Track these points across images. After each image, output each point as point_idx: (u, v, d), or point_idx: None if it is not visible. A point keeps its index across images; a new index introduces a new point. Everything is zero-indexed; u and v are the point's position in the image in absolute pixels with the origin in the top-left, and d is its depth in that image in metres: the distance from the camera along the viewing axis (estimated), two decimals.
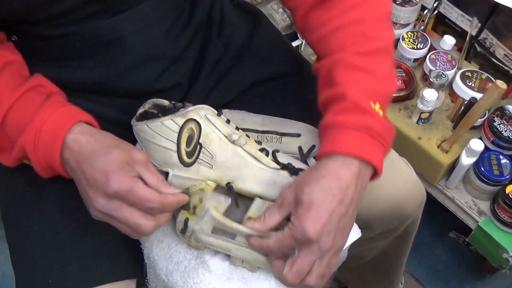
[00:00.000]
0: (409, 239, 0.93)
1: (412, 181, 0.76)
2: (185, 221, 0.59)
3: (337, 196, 0.54)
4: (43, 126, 0.56)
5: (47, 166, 0.58)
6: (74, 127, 0.57)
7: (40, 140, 0.56)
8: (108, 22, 0.61)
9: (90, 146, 0.56)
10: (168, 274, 0.64)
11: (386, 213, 0.74)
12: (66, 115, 0.57)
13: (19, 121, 0.57)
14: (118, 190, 0.53)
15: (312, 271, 0.55)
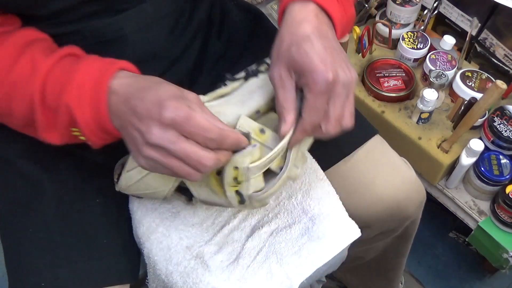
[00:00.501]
0: (409, 240, 0.93)
1: (412, 181, 0.76)
2: (237, 193, 0.56)
3: (317, 34, 0.53)
4: (85, 77, 0.52)
5: (94, 123, 0.53)
6: (117, 72, 0.52)
7: (85, 92, 0.51)
8: (110, 21, 0.61)
9: (139, 84, 0.51)
10: (167, 274, 0.65)
11: (385, 214, 0.74)
12: (106, 63, 0.53)
13: (60, 82, 0.52)
14: (175, 117, 0.47)
15: (345, 112, 0.55)
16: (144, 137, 0.48)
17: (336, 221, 0.68)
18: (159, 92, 0.49)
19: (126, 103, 0.50)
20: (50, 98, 0.52)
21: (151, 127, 0.48)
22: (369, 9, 1.26)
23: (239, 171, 0.54)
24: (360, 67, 1.18)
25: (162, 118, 0.47)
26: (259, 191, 0.56)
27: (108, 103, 0.51)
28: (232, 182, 0.55)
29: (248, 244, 0.67)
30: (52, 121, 0.53)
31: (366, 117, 0.81)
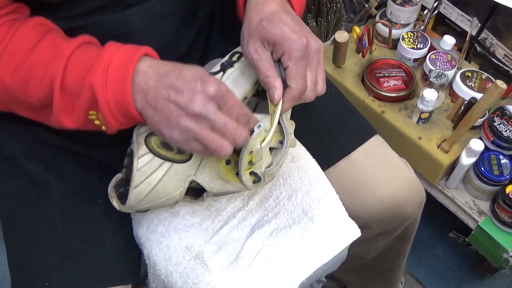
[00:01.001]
0: (409, 240, 0.93)
1: (412, 181, 0.76)
2: (251, 173, 0.59)
3: (282, 10, 0.58)
4: (112, 60, 0.53)
5: (115, 103, 0.53)
6: (143, 56, 0.54)
7: (111, 73, 0.52)
8: (118, 16, 0.62)
9: (171, 65, 0.54)
10: (167, 275, 0.65)
11: (385, 214, 0.74)
12: (132, 48, 0.55)
13: (83, 66, 0.54)
14: (217, 91, 0.51)
15: (318, 77, 0.59)
16: (186, 108, 0.50)
17: (336, 221, 0.68)
18: (195, 70, 0.52)
19: (159, 80, 0.52)
20: (72, 81, 0.53)
21: (194, 97, 0.50)
22: (369, 9, 1.26)
23: (254, 154, 0.56)
24: (360, 67, 1.18)
25: (206, 90, 0.50)
26: (270, 166, 0.60)
27: (133, 82, 0.52)
28: (247, 166, 0.57)
29: (248, 244, 0.67)
30: (70, 104, 0.54)
31: (366, 117, 0.81)
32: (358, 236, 0.68)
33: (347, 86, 1.15)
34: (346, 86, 1.16)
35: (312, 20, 1.20)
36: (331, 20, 1.21)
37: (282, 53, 0.56)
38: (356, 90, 1.15)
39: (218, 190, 0.61)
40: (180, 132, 0.52)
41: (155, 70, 0.53)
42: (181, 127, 0.51)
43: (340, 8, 1.22)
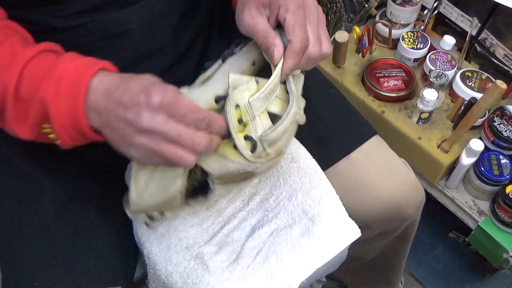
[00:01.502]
0: (408, 240, 0.93)
1: (411, 182, 0.76)
2: (246, 138, 0.54)
3: None
4: (65, 73, 0.50)
5: (68, 119, 0.51)
6: (98, 71, 0.51)
7: (62, 88, 0.50)
8: (116, 15, 0.61)
9: (119, 78, 0.51)
10: (167, 275, 0.65)
11: (385, 214, 0.74)
12: (88, 62, 0.52)
13: (37, 76, 0.51)
14: (162, 99, 0.47)
15: (321, 34, 0.57)
16: (134, 124, 0.48)
17: (336, 222, 0.68)
18: (142, 81, 0.49)
19: (108, 97, 0.49)
20: (25, 90, 0.51)
21: (140, 112, 0.47)
22: (369, 9, 1.26)
23: (242, 110, 0.53)
24: (360, 67, 1.18)
25: (150, 102, 0.47)
26: (269, 130, 0.54)
27: (86, 100, 0.50)
28: (238, 126, 0.53)
29: (248, 244, 0.67)
30: (24, 114, 0.52)
31: (366, 117, 0.81)
32: (358, 236, 0.68)
33: (347, 86, 1.15)
34: (346, 86, 1.16)
35: None
36: (331, 20, 1.21)
37: (278, 8, 0.55)
38: (356, 90, 1.15)
39: (218, 171, 0.56)
40: (136, 150, 0.49)
41: (105, 86, 0.50)
42: (136, 145, 0.49)
43: (340, 8, 1.22)
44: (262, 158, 0.55)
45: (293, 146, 0.73)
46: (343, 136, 0.76)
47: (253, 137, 0.53)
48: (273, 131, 0.53)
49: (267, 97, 0.54)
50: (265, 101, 0.54)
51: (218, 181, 0.56)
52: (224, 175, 0.56)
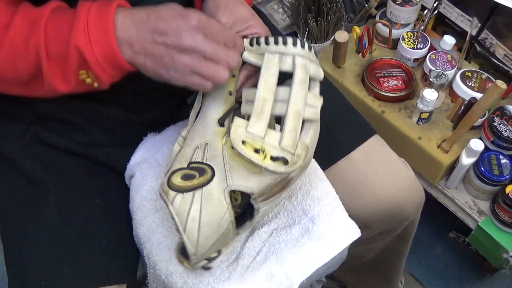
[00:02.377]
0: (408, 240, 0.93)
1: (411, 182, 0.76)
2: (272, 159, 0.55)
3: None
4: (89, 19, 0.53)
5: (103, 57, 0.54)
6: (117, 8, 0.55)
7: (91, 31, 0.53)
8: None
9: (145, 10, 0.55)
10: (167, 275, 0.64)
11: (384, 214, 0.74)
12: (104, 4, 0.55)
13: (62, 30, 0.54)
14: (199, 21, 0.53)
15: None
16: (176, 45, 0.52)
17: (336, 222, 0.68)
18: (172, 8, 0.54)
19: (139, 27, 0.53)
20: (56, 46, 0.54)
21: (181, 34, 0.52)
22: (369, 9, 1.26)
23: (249, 143, 0.55)
24: (360, 67, 1.18)
25: (189, 23, 0.52)
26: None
27: (117, 36, 0.53)
28: (259, 156, 0.55)
29: (248, 244, 0.67)
30: (60, 68, 0.55)
31: (366, 117, 0.81)
32: (359, 236, 0.68)
33: (347, 86, 1.16)
34: (346, 86, 1.16)
35: (312, 20, 1.20)
36: (331, 20, 1.21)
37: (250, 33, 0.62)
38: (356, 90, 1.15)
39: (258, 187, 0.56)
40: (176, 69, 0.54)
41: (131, 19, 0.54)
42: (176, 64, 0.53)
43: (340, 8, 1.22)
44: (297, 163, 0.56)
45: None
46: (343, 136, 0.77)
47: (277, 155, 0.55)
48: (284, 136, 0.55)
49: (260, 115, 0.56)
50: (261, 119, 0.56)
51: (260, 198, 0.57)
52: (264, 190, 0.57)
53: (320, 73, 0.61)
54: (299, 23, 1.24)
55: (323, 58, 1.21)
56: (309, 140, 0.58)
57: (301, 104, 0.57)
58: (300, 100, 0.57)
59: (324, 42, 1.25)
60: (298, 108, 0.56)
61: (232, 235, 0.59)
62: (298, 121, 0.56)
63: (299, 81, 0.57)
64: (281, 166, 0.55)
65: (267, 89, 0.57)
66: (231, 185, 0.55)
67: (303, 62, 0.58)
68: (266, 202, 0.58)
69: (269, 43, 0.59)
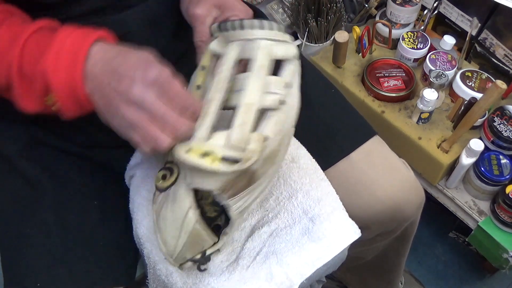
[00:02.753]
0: (408, 240, 0.93)
1: (411, 182, 0.76)
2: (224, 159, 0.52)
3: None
4: (64, 45, 0.51)
5: (67, 87, 0.52)
6: (96, 41, 0.52)
7: (62, 58, 0.51)
8: (115, 18, 0.62)
9: (119, 49, 0.52)
10: (167, 275, 0.64)
11: (384, 215, 0.74)
12: (86, 32, 0.53)
13: (37, 51, 0.52)
14: (159, 77, 0.48)
15: None
16: (124, 94, 0.49)
17: (337, 222, 0.68)
18: (140, 55, 0.50)
19: (104, 65, 0.50)
20: (27, 66, 0.52)
21: (133, 83, 0.48)
22: (369, 9, 1.26)
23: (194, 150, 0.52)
24: (360, 67, 1.18)
25: (146, 75, 0.48)
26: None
27: (84, 67, 0.51)
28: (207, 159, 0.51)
29: (248, 244, 0.67)
30: (28, 89, 0.53)
31: (366, 117, 0.81)
32: (359, 236, 0.68)
33: (347, 86, 1.16)
34: (346, 86, 1.16)
35: (312, 20, 1.20)
36: (331, 20, 1.21)
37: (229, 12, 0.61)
38: (356, 90, 1.15)
39: (216, 184, 0.54)
40: (119, 119, 0.50)
41: (102, 55, 0.51)
42: (119, 114, 0.50)
43: (340, 8, 1.22)
44: (251, 158, 0.52)
45: (293, 146, 0.73)
46: (343, 136, 0.77)
47: (225, 155, 0.51)
48: (232, 133, 0.51)
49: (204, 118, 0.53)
50: (204, 121, 0.53)
51: (225, 194, 0.55)
52: (225, 186, 0.55)
53: (290, 52, 0.57)
54: (299, 23, 1.24)
55: (323, 58, 1.21)
56: (270, 130, 0.54)
57: (254, 94, 0.53)
58: (254, 89, 0.53)
59: (324, 42, 1.25)
60: (250, 99, 0.53)
61: (206, 236, 0.58)
62: (249, 113, 0.52)
63: (257, 67, 0.54)
64: (233, 165, 0.51)
65: (216, 89, 0.54)
66: (190, 183, 0.54)
67: (265, 45, 0.54)
68: (237, 198, 0.56)
69: (236, 27, 0.55)
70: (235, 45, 0.55)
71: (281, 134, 0.55)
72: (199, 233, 0.57)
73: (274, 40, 0.55)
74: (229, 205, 0.56)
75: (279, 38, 0.56)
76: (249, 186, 0.56)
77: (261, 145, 0.53)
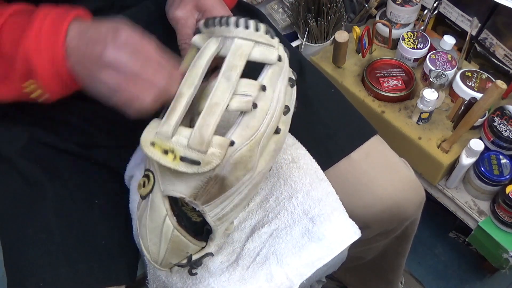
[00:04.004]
0: (408, 240, 0.93)
1: (411, 182, 0.76)
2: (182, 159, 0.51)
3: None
4: (43, 25, 0.52)
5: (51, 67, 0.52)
6: (74, 19, 0.53)
7: (42, 38, 0.51)
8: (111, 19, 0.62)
9: (93, 22, 0.53)
10: (167, 275, 0.65)
11: (385, 214, 0.74)
12: (63, 12, 0.54)
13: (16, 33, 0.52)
14: (129, 38, 0.50)
15: None
16: (99, 59, 0.50)
17: (337, 222, 0.68)
18: (112, 22, 0.52)
19: (81, 37, 0.51)
20: (6, 48, 0.52)
21: (105, 48, 0.49)
22: (369, 9, 1.26)
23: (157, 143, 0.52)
24: (360, 67, 1.18)
25: (116, 38, 0.50)
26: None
27: (65, 44, 0.52)
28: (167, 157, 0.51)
29: (248, 244, 0.67)
30: (6, 72, 0.53)
31: (366, 117, 0.81)
32: (359, 236, 0.68)
33: (347, 86, 1.16)
34: (346, 86, 1.16)
35: (312, 20, 1.20)
36: (331, 20, 1.21)
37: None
38: (356, 90, 1.15)
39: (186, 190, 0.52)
40: (100, 86, 0.51)
41: (78, 28, 0.52)
42: (100, 80, 0.51)
43: (340, 8, 1.22)
44: (211, 162, 0.50)
45: (293, 146, 0.73)
46: (343, 136, 0.76)
47: (185, 155, 0.50)
48: (192, 134, 0.50)
49: (171, 112, 0.51)
50: (171, 116, 0.51)
51: (199, 201, 0.54)
52: (196, 193, 0.53)
53: (271, 56, 0.54)
54: (299, 23, 1.24)
55: (323, 58, 1.21)
56: (238, 135, 0.51)
57: (221, 95, 0.51)
58: (220, 88, 0.51)
59: (324, 42, 1.25)
60: (216, 100, 0.50)
61: (187, 242, 0.57)
62: (212, 115, 0.50)
63: (226, 68, 0.52)
64: (192, 166, 0.50)
65: (188, 83, 0.52)
66: (163, 190, 0.53)
67: (240, 45, 0.52)
68: (212, 205, 0.55)
69: (222, 24, 0.54)
70: (215, 41, 0.54)
71: (255, 139, 0.52)
72: (180, 239, 0.56)
73: (255, 42, 0.53)
74: (205, 211, 0.55)
75: (262, 41, 0.53)
76: (222, 193, 0.54)
77: (224, 150, 0.51)
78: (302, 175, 0.71)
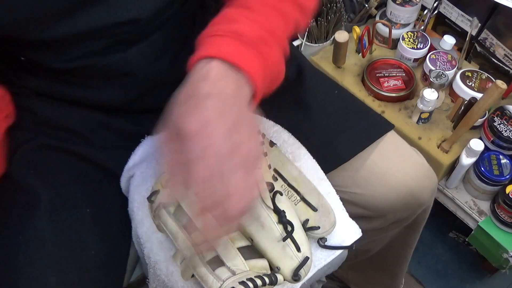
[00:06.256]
0: (418, 229, 0.92)
1: (424, 169, 0.76)
2: (155, 192, 0.59)
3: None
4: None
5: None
6: None
7: None
8: (120, 56, 0.62)
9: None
10: (168, 274, 0.64)
11: (400, 202, 0.73)
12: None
13: None
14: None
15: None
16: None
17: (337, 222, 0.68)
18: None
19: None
20: None
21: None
22: (369, 9, 1.26)
23: None
24: (360, 67, 1.18)
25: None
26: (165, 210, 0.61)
27: None
28: None
29: None
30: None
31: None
32: (359, 236, 0.67)
33: (347, 86, 1.16)
34: (346, 86, 1.16)
35: (312, 20, 1.20)
36: (331, 20, 1.21)
37: None
38: (356, 90, 1.15)
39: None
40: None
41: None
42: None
43: (340, 8, 1.22)
44: (151, 213, 0.60)
45: (294, 146, 0.73)
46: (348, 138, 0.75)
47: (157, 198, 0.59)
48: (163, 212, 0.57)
49: None
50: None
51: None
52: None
53: None
54: None
55: (323, 58, 1.21)
56: None
57: None
58: None
59: (324, 42, 1.25)
60: None
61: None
62: None
63: None
64: None
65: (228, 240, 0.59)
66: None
67: None
68: None
69: None
70: None
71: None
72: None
73: None
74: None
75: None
76: None
77: None
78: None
